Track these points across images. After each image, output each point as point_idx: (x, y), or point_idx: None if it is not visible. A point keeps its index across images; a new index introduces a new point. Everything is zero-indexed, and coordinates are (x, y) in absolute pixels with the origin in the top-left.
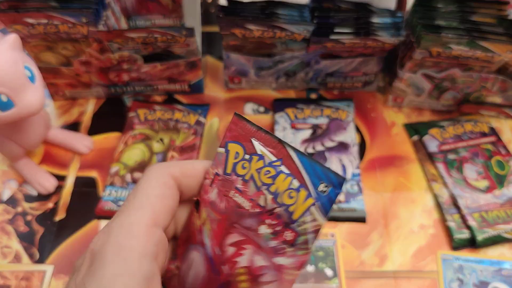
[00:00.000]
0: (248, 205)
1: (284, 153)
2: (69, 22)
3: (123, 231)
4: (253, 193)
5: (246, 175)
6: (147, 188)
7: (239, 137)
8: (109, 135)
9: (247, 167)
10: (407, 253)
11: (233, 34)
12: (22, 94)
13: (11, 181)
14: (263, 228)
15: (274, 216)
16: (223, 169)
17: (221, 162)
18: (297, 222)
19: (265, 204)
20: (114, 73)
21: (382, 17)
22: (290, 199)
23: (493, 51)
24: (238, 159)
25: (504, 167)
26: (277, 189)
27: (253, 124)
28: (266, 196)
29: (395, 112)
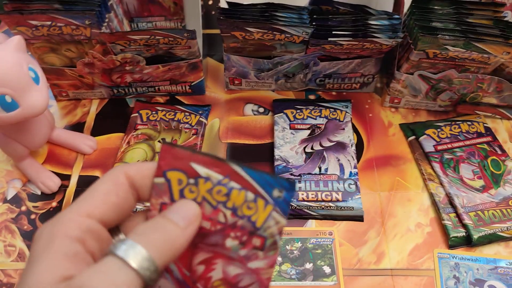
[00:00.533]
0: (208, 224)
1: (229, 169)
2: (72, 24)
3: (56, 220)
4: (210, 212)
5: (197, 198)
6: (96, 184)
7: (176, 164)
8: (112, 135)
9: (195, 190)
10: (404, 251)
11: (234, 36)
12: (26, 95)
13: (15, 181)
14: (229, 241)
15: (237, 228)
16: (169, 197)
17: (164, 191)
18: (261, 228)
19: (226, 219)
20: (117, 74)
21: (380, 19)
22: (249, 210)
23: (489, 52)
24: (183, 185)
25: (500, 167)
26: (234, 204)
27: (186, 148)
28: (224, 213)
29: (392, 113)
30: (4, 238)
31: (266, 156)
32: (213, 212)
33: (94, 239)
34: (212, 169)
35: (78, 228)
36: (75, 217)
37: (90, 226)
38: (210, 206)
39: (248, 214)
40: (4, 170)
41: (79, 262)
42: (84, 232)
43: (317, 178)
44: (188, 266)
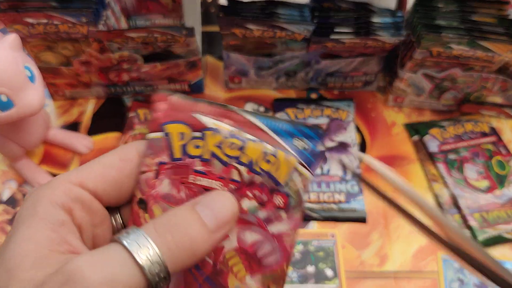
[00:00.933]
0: (218, 184)
1: (241, 119)
2: (69, 22)
3: (46, 184)
4: (220, 170)
5: (204, 154)
6: (101, 156)
7: (177, 116)
8: (109, 135)
9: (202, 145)
10: (407, 253)
11: (233, 34)
12: (22, 94)
13: (11, 181)
14: (246, 202)
15: (255, 186)
16: (169, 155)
17: (161, 148)
18: (284, 184)
19: (240, 177)
20: (114, 73)
21: (383, 17)
22: (269, 164)
23: (494, 51)
24: (186, 140)
25: (505, 167)
26: (249, 158)
27: (188, 97)
28: (239, 169)
29: (395, 112)
30: (0, 240)
31: None
32: (225, 170)
33: (84, 211)
34: (222, 119)
35: (66, 195)
36: (65, 184)
37: (79, 195)
38: (220, 163)
39: (267, 169)
40: None
41: (64, 233)
42: (72, 200)
43: (319, 179)
44: None
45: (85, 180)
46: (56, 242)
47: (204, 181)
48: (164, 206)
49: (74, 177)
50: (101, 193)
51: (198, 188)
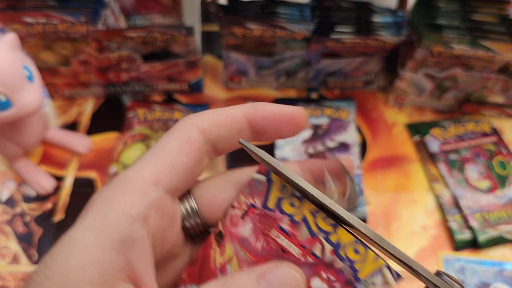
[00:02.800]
0: (297, 252)
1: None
2: (67, 21)
3: (117, 185)
4: (305, 238)
5: (295, 216)
6: (163, 142)
7: None
8: (108, 135)
9: (298, 206)
10: (408, 253)
11: (233, 33)
12: (20, 94)
13: (10, 182)
14: (317, 282)
15: (333, 270)
16: (262, 201)
17: (259, 192)
18: (363, 282)
19: (322, 255)
20: (113, 72)
21: (383, 16)
22: (356, 255)
23: (495, 50)
24: (285, 194)
25: (506, 167)
26: (339, 240)
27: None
28: (323, 246)
29: (396, 112)
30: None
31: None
32: (309, 240)
33: (159, 215)
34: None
35: (141, 201)
36: (140, 186)
37: (156, 199)
38: (308, 232)
39: (352, 258)
40: None
41: (132, 256)
42: (148, 206)
43: None
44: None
45: (160, 176)
46: (119, 267)
47: (285, 242)
48: (237, 248)
49: (147, 173)
50: (174, 186)
51: (276, 246)
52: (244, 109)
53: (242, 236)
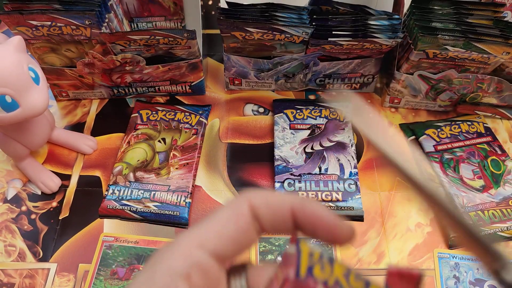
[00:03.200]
0: None
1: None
2: (72, 24)
3: (167, 247)
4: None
5: (329, 280)
6: (216, 212)
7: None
8: (112, 135)
9: (329, 271)
10: (404, 251)
11: (233, 36)
12: (26, 95)
13: (16, 181)
14: None
15: None
16: (295, 271)
17: (291, 262)
18: None
19: None
20: (117, 74)
21: (380, 20)
22: None
23: (489, 52)
24: (314, 260)
25: (500, 167)
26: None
27: None
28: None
29: (392, 113)
30: (5, 238)
31: (266, 156)
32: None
33: (202, 276)
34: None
35: (186, 260)
36: (186, 247)
37: (199, 260)
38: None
39: None
40: (4, 170)
41: None
42: (192, 266)
43: (317, 178)
44: None
45: (206, 240)
46: None
47: None
48: None
49: (194, 237)
50: (219, 251)
51: None
52: (294, 202)
53: None
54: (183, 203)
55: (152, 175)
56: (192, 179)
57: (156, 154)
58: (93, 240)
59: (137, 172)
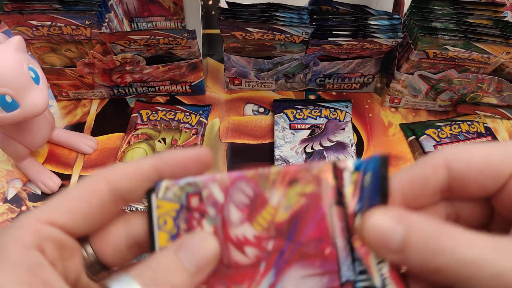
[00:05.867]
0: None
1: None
2: (72, 24)
3: (11, 225)
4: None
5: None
6: (69, 189)
7: None
8: (112, 135)
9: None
10: None
11: (234, 36)
12: (26, 95)
13: (15, 181)
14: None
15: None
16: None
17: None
18: None
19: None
20: (117, 74)
21: (380, 20)
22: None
23: (489, 52)
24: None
25: None
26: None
27: None
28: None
29: (392, 113)
30: None
31: (266, 156)
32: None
33: (56, 248)
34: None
35: (36, 235)
36: (33, 223)
37: (50, 234)
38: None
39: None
40: (4, 170)
41: (45, 276)
42: (43, 239)
43: None
44: None
45: (55, 217)
46: (37, 286)
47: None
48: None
49: (42, 215)
50: (71, 227)
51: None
52: (152, 161)
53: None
54: None
55: None
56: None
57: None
58: None
59: None
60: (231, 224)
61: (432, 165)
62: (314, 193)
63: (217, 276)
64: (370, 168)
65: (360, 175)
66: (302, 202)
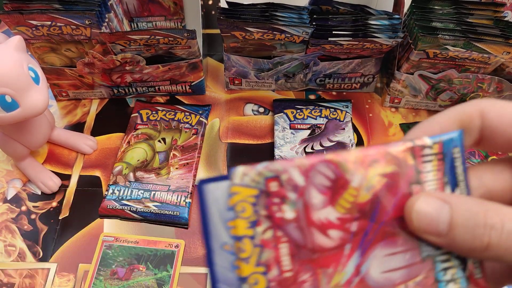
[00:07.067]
0: None
1: None
2: (72, 24)
3: None
4: None
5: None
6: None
7: None
8: (112, 135)
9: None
10: None
11: (234, 36)
12: (26, 95)
13: (15, 181)
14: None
15: None
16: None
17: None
18: None
19: None
20: (117, 74)
21: (380, 19)
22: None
23: (489, 52)
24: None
25: None
26: None
27: None
28: None
29: (392, 113)
30: (4, 238)
31: (266, 156)
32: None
33: None
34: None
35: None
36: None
37: None
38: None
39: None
40: (4, 170)
41: None
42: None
43: None
44: None
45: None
46: None
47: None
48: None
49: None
50: None
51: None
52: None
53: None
54: (183, 203)
55: (152, 175)
56: (192, 179)
57: (156, 154)
58: (93, 240)
59: (137, 172)
60: (314, 208)
61: (469, 111)
62: (394, 173)
63: (302, 261)
64: (447, 144)
65: (440, 148)
66: (383, 182)
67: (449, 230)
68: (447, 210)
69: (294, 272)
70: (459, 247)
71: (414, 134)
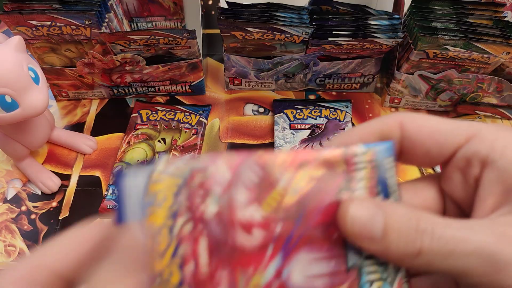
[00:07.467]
0: None
1: None
2: (72, 24)
3: (5, 270)
4: None
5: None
6: (65, 234)
7: None
8: (112, 135)
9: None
10: None
11: (233, 36)
12: (26, 95)
13: (15, 181)
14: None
15: None
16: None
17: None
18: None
19: None
20: (116, 74)
21: (380, 19)
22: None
23: (489, 52)
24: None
25: None
26: None
27: None
28: None
29: (392, 113)
30: (4, 238)
31: None
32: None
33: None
34: None
35: (26, 280)
36: (25, 268)
37: (39, 278)
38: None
39: None
40: (4, 170)
41: None
42: (32, 284)
43: None
44: None
45: (45, 263)
46: None
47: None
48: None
49: (34, 260)
50: (65, 273)
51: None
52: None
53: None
54: None
55: None
56: None
57: (156, 154)
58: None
59: None
60: (238, 204)
61: (389, 122)
62: (323, 177)
63: (221, 259)
64: (380, 153)
65: (372, 157)
66: (311, 186)
67: (384, 235)
68: (381, 215)
69: (211, 269)
70: (392, 253)
71: (335, 143)
